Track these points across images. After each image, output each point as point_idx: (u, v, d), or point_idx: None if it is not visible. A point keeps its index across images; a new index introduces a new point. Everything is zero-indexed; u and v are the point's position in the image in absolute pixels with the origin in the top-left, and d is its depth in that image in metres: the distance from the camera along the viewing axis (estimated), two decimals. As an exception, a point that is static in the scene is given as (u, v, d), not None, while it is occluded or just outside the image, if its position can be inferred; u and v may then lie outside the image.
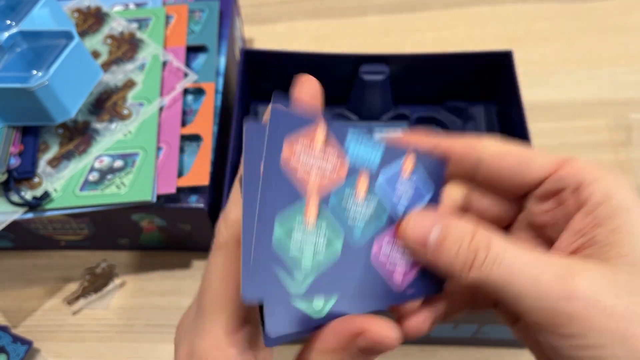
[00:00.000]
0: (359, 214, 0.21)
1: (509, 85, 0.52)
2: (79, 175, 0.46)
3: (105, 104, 0.50)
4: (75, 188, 0.45)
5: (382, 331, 0.20)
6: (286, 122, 0.20)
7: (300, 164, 0.20)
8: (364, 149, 0.22)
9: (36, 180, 0.45)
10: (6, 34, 0.45)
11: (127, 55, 0.52)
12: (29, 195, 0.45)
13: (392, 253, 0.21)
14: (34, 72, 0.44)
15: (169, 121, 0.49)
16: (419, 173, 0.23)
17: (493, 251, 0.20)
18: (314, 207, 0.20)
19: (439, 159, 0.24)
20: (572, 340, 0.19)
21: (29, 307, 0.51)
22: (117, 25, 0.54)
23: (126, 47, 0.53)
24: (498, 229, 0.23)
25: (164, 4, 0.57)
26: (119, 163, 0.46)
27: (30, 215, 0.44)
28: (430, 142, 0.24)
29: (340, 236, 0.20)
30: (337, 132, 0.21)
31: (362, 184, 0.21)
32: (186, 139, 0.49)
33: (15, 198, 0.44)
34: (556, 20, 0.70)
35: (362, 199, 0.21)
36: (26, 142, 0.46)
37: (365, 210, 0.21)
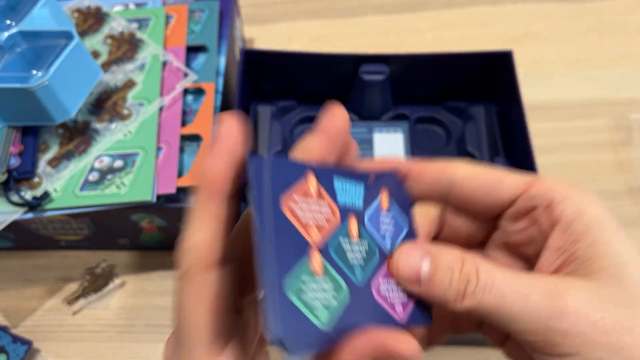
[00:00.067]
0: (356, 254, 0.22)
1: (509, 85, 0.52)
2: (79, 175, 0.46)
3: (105, 104, 0.50)
4: (75, 188, 0.45)
5: (402, 345, 0.20)
6: (283, 171, 0.21)
7: (301, 213, 0.21)
8: (348, 191, 0.23)
9: (36, 180, 0.45)
10: (6, 34, 0.45)
11: (127, 55, 0.52)
12: (29, 195, 0.45)
13: (389, 287, 0.22)
14: (34, 72, 0.44)
15: (169, 121, 0.49)
16: (394, 207, 0.24)
17: (482, 278, 0.21)
18: (319, 255, 0.20)
19: (398, 182, 0.24)
20: (567, 358, 0.20)
21: (29, 307, 0.51)
22: (117, 25, 0.54)
23: (126, 47, 0.53)
24: (475, 251, 0.24)
25: (164, 4, 0.57)
26: (119, 163, 0.46)
27: (30, 215, 0.44)
28: (394, 164, 0.25)
29: (346, 279, 0.21)
30: (324, 178, 0.22)
31: (353, 225, 0.22)
32: (186, 138, 0.49)
33: (15, 198, 0.44)
34: (556, 20, 0.70)
35: (356, 240, 0.22)
36: (26, 142, 0.46)
37: (360, 250, 0.22)
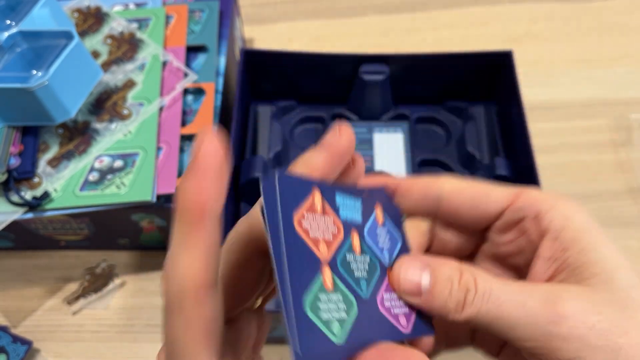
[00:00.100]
0: (361, 268, 0.22)
1: (509, 85, 0.52)
2: (79, 175, 0.46)
3: (105, 104, 0.50)
4: (75, 188, 0.45)
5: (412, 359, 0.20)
6: (291, 188, 0.21)
7: (310, 229, 0.21)
8: (349, 206, 0.23)
9: (36, 180, 0.45)
10: (6, 34, 0.46)
11: (127, 55, 0.52)
12: (28, 195, 0.45)
13: (392, 300, 0.23)
14: (34, 72, 0.44)
15: (169, 121, 0.49)
16: (388, 220, 0.25)
17: (480, 287, 0.22)
18: (329, 270, 0.21)
19: (389, 198, 0.25)
20: None
21: (29, 307, 0.51)
22: (117, 25, 0.54)
23: (126, 47, 0.53)
24: (465, 263, 0.24)
25: (164, 4, 0.57)
26: (119, 163, 0.46)
27: (30, 215, 0.44)
28: (383, 182, 0.25)
29: (354, 293, 0.22)
30: (328, 193, 0.23)
31: (356, 240, 0.23)
32: (186, 139, 0.49)
33: (15, 198, 0.44)
34: (556, 20, 0.70)
35: (359, 254, 0.23)
36: (26, 142, 0.46)
37: (364, 264, 0.23)
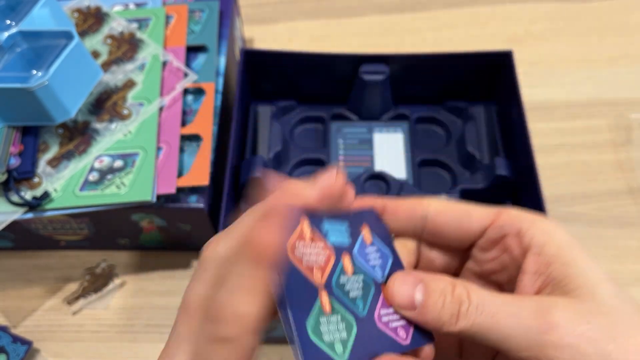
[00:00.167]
0: (355, 288, 0.24)
1: (509, 85, 0.52)
2: (79, 175, 0.46)
3: (105, 104, 0.50)
4: (75, 188, 0.45)
5: None
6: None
7: (303, 257, 0.23)
8: (337, 231, 0.25)
9: (36, 180, 0.45)
10: (6, 34, 0.45)
11: (127, 55, 0.52)
12: (28, 195, 0.45)
13: (389, 314, 0.24)
14: (34, 72, 0.44)
15: (169, 121, 0.49)
16: (376, 239, 0.26)
17: (474, 300, 0.22)
18: (326, 295, 0.22)
19: (377, 217, 0.26)
20: None
21: (29, 307, 0.51)
22: (117, 25, 0.54)
23: (126, 47, 0.53)
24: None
25: (164, 4, 0.57)
26: (119, 163, 0.46)
27: (30, 215, 0.44)
28: (369, 203, 0.27)
29: (352, 312, 0.23)
30: (317, 223, 0.24)
31: (347, 262, 0.24)
32: (186, 138, 0.49)
33: (15, 198, 0.44)
34: (556, 20, 0.70)
35: (352, 275, 0.24)
36: (26, 142, 0.46)
37: (358, 284, 0.24)
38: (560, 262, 0.23)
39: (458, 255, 0.27)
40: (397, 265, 0.26)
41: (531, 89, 0.60)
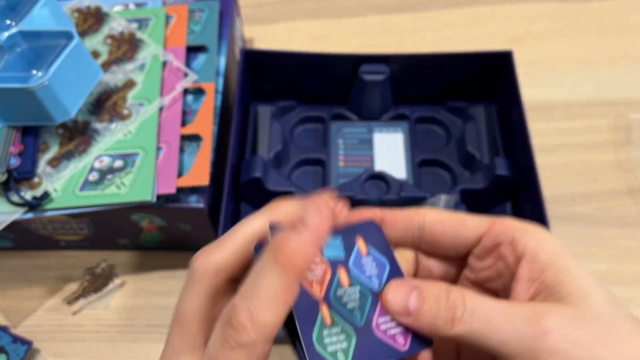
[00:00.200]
0: (352, 299, 0.25)
1: (509, 85, 0.52)
2: (79, 175, 0.46)
3: (105, 104, 0.50)
4: (75, 188, 0.45)
5: None
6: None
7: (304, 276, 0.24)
8: (331, 245, 0.26)
9: (36, 180, 0.45)
10: (6, 34, 0.46)
11: (127, 55, 0.52)
12: (28, 195, 0.45)
13: (387, 322, 0.25)
14: (34, 72, 0.44)
15: (169, 121, 0.49)
16: (371, 249, 0.27)
17: (469, 305, 0.23)
18: (326, 307, 0.24)
19: (375, 228, 0.27)
20: None
21: (29, 307, 0.51)
22: (117, 25, 0.54)
23: (126, 47, 0.53)
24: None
25: (164, 4, 0.57)
26: (119, 163, 0.46)
27: (30, 215, 0.44)
28: (368, 215, 0.27)
29: (350, 323, 0.24)
30: None
31: (343, 275, 0.25)
32: (186, 139, 0.49)
33: (15, 198, 0.44)
34: (556, 20, 0.70)
35: (349, 287, 0.25)
36: (26, 142, 0.46)
37: (354, 294, 0.25)
38: (553, 269, 0.24)
39: (455, 264, 0.28)
40: (395, 273, 0.26)
41: (531, 89, 0.60)
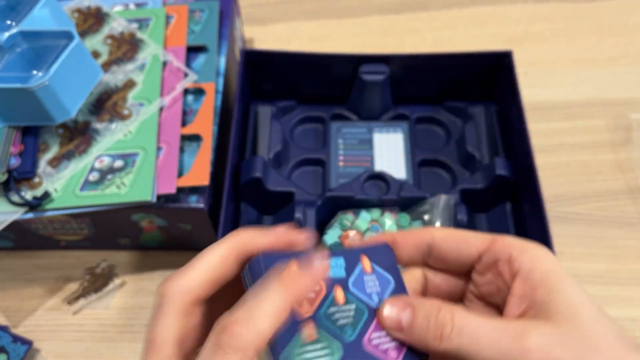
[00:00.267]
0: (344, 317, 0.26)
1: (508, 85, 0.53)
2: (79, 175, 0.46)
3: (105, 104, 0.50)
4: (76, 188, 0.45)
5: None
6: (273, 264, 0.25)
7: None
8: (332, 267, 0.27)
9: (36, 180, 0.45)
10: (6, 34, 0.46)
11: (127, 56, 0.52)
12: (29, 195, 0.45)
13: (382, 337, 0.26)
14: (34, 72, 0.44)
15: (169, 121, 0.49)
16: (376, 268, 0.28)
17: (457, 323, 0.24)
18: (312, 323, 0.25)
19: (386, 249, 0.29)
20: None
21: (29, 307, 0.51)
22: (117, 25, 0.54)
23: (126, 47, 0.53)
24: (455, 302, 0.28)
25: (164, 4, 0.57)
26: (119, 163, 0.47)
27: (30, 215, 0.44)
28: (382, 238, 0.29)
29: (338, 338, 0.25)
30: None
31: (339, 293, 0.26)
32: (186, 139, 0.49)
33: (15, 198, 0.44)
34: (556, 20, 0.70)
35: (344, 304, 0.26)
36: (26, 142, 0.46)
37: (349, 311, 0.26)
38: (545, 288, 0.25)
39: (461, 280, 0.29)
40: (399, 290, 0.28)
41: (531, 89, 0.60)
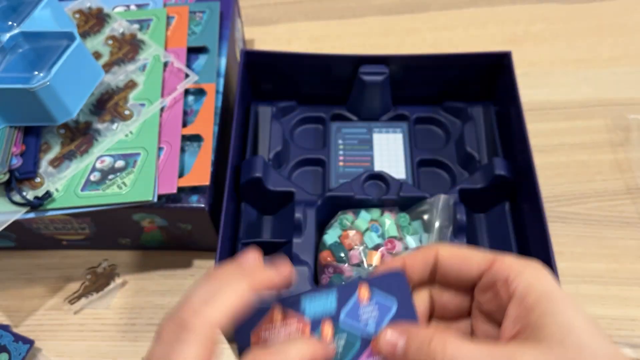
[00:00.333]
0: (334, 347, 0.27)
1: (507, 86, 0.53)
2: (81, 175, 0.46)
3: (106, 104, 0.50)
4: (77, 188, 0.46)
5: None
6: (249, 319, 0.26)
7: (269, 338, 0.26)
8: (319, 303, 0.28)
9: (38, 180, 0.46)
10: (8, 35, 0.46)
11: (128, 56, 0.53)
12: (30, 195, 0.45)
13: None
14: (36, 72, 0.45)
15: (170, 121, 0.49)
16: (377, 294, 0.29)
17: (449, 351, 0.25)
18: None
19: (395, 275, 0.29)
20: None
21: (30, 307, 0.51)
22: (118, 26, 0.55)
23: (127, 48, 0.53)
24: (463, 318, 0.30)
25: (165, 5, 0.58)
26: (120, 163, 0.47)
27: (31, 215, 0.45)
28: (391, 264, 0.30)
29: None
30: (292, 303, 0.28)
31: (327, 329, 0.27)
32: (187, 139, 0.50)
33: (17, 198, 0.45)
34: (555, 21, 0.70)
35: (332, 338, 0.27)
36: (28, 143, 0.47)
37: (337, 343, 0.27)
38: (538, 311, 0.25)
39: (466, 297, 0.30)
40: (404, 315, 0.29)
41: (530, 90, 0.61)
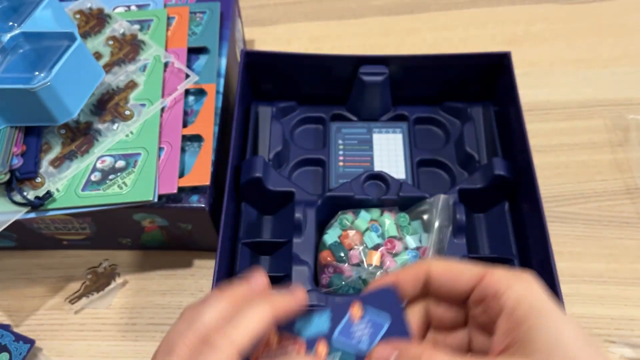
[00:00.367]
0: None
1: (507, 86, 0.53)
2: (81, 175, 0.46)
3: (107, 104, 0.50)
4: (77, 188, 0.46)
5: None
6: None
7: None
8: (313, 323, 0.29)
9: (38, 180, 0.46)
10: (9, 35, 0.46)
11: (129, 57, 0.53)
12: (31, 195, 0.45)
13: None
14: (37, 73, 0.45)
15: (171, 122, 0.50)
16: (370, 311, 0.29)
17: None
18: None
19: (386, 292, 0.30)
20: None
21: (31, 306, 0.51)
22: (119, 26, 0.55)
23: (128, 48, 0.53)
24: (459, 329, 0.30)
25: (166, 5, 0.58)
26: (120, 163, 0.47)
27: (32, 215, 0.45)
28: (383, 280, 0.30)
29: None
30: (287, 325, 0.28)
31: (322, 348, 0.28)
32: (187, 139, 0.50)
33: (17, 198, 0.45)
34: (554, 21, 0.70)
35: (326, 356, 0.28)
36: (29, 143, 0.47)
37: None
38: (526, 325, 0.26)
39: (462, 310, 0.30)
40: (396, 330, 0.29)
41: (530, 90, 0.61)
